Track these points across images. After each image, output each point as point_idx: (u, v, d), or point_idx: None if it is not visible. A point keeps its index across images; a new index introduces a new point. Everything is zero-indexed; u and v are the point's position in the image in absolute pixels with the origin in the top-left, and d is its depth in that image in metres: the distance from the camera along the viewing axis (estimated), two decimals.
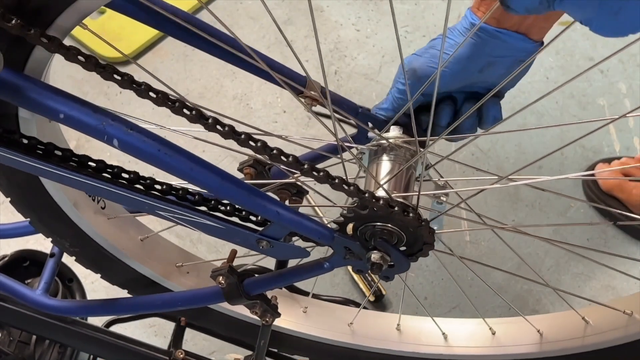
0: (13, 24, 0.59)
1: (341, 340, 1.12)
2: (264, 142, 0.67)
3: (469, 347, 1.10)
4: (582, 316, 1.01)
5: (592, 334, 1.00)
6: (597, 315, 1.01)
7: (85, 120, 0.65)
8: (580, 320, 1.01)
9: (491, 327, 1.10)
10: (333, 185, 0.69)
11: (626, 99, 1.87)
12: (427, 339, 1.12)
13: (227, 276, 0.84)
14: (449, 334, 1.12)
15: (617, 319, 0.97)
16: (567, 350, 1.03)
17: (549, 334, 1.06)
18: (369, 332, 1.13)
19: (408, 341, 1.12)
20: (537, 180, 0.82)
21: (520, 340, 1.08)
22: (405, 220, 0.74)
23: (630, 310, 0.95)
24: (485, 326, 1.10)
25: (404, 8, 2.06)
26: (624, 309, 0.96)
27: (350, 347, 1.13)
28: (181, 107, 0.65)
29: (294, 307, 1.14)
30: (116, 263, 0.99)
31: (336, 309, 1.16)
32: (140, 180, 0.74)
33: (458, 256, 0.95)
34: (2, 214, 1.47)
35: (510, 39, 0.81)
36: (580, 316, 1.01)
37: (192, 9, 1.94)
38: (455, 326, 1.13)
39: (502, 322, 1.12)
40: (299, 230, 0.76)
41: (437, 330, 1.11)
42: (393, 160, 0.81)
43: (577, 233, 1.66)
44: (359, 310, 1.13)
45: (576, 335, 1.02)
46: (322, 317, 1.14)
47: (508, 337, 1.09)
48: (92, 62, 0.63)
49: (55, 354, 1.24)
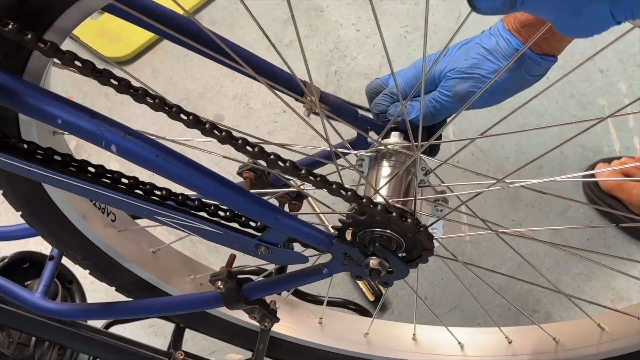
0: (9, 28, 0.59)
1: (357, 351, 1.12)
2: (261, 148, 0.67)
3: (485, 356, 1.10)
4: (597, 323, 1.01)
5: (608, 340, 1.00)
6: (611, 322, 1.01)
7: (83, 125, 0.65)
8: (596, 327, 1.01)
9: (507, 335, 1.10)
10: (330, 190, 0.69)
11: (626, 98, 1.87)
12: (444, 349, 1.12)
13: (225, 281, 0.84)
14: (465, 343, 1.12)
15: (632, 325, 0.97)
16: (583, 358, 1.03)
17: (564, 341, 1.06)
18: (385, 343, 1.13)
19: (424, 351, 1.12)
20: (534, 182, 0.81)
21: (538, 349, 1.08)
22: (403, 226, 0.74)
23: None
24: (501, 335, 1.10)
25: (404, 8, 2.06)
26: (638, 315, 0.96)
27: (366, 357, 1.13)
28: (178, 113, 0.65)
29: (310, 318, 1.14)
30: (128, 274, 0.99)
31: (350, 319, 1.16)
32: (140, 185, 0.74)
33: (462, 262, 0.95)
34: (2, 214, 1.47)
35: (548, 63, 0.85)
36: (596, 323, 1.01)
37: (192, 8, 1.94)
38: (471, 336, 1.13)
39: (516, 330, 1.12)
40: (297, 236, 0.76)
41: (452, 340, 1.11)
42: (392, 166, 0.81)
43: (577, 233, 1.66)
44: (372, 320, 1.13)
45: (592, 342, 1.02)
46: (336, 328, 1.14)
47: (525, 346, 1.09)
48: (89, 67, 0.63)
49: (54, 356, 1.24)
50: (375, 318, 1.14)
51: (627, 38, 0.58)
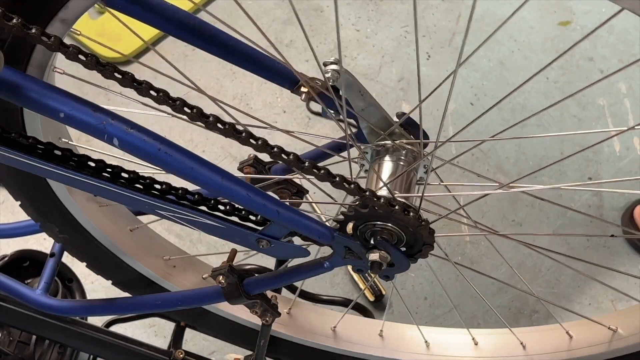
0: (13, 23, 0.59)
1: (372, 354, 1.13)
2: (265, 140, 0.67)
3: (498, 357, 1.10)
4: (566, 330, 1.02)
5: (575, 347, 1.01)
6: (580, 330, 1.02)
7: (85, 119, 0.65)
8: (565, 334, 1.03)
9: (519, 337, 1.10)
10: (334, 183, 0.69)
11: (626, 99, 1.87)
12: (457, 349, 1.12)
13: (227, 275, 0.84)
14: (479, 342, 1.12)
15: (600, 334, 0.98)
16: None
17: (532, 346, 1.07)
18: (400, 345, 1.13)
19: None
20: (535, 189, 0.82)
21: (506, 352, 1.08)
22: (405, 220, 0.74)
23: (615, 326, 0.96)
24: (513, 336, 1.10)
25: (404, 8, 2.06)
26: (609, 325, 0.97)
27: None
28: (182, 106, 0.65)
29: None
30: (104, 253, 0.98)
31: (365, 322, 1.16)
32: (140, 179, 0.74)
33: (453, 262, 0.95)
34: (2, 214, 1.47)
35: None
36: (565, 330, 1.03)
37: (192, 8, 1.94)
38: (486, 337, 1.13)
39: (530, 330, 1.12)
40: (299, 230, 0.76)
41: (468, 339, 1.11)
42: (395, 161, 0.81)
43: (577, 232, 1.66)
44: (383, 322, 1.13)
45: (561, 349, 1.03)
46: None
47: (492, 348, 1.10)
48: (93, 61, 0.63)
49: (55, 354, 1.24)
50: (376, 318, 1.13)
51: (627, 38, 0.58)
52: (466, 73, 1.91)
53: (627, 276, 1.56)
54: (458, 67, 0.65)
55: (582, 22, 2.03)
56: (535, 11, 2.05)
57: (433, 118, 1.78)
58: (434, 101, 1.86)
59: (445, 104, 0.74)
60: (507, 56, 1.95)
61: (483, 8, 2.02)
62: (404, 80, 1.92)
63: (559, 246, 1.62)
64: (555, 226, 1.67)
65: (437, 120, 1.81)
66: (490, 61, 1.94)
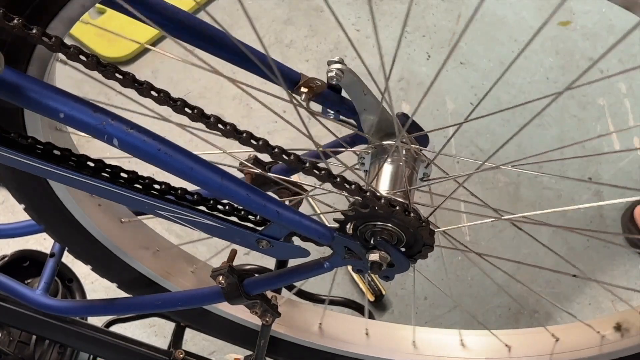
0: (14, 23, 0.59)
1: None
2: (266, 141, 0.67)
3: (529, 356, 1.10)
4: (551, 333, 1.02)
5: (560, 351, 1.01)
6: (567, 333, 1.02)
7: (85, 119, 0.65)
8: (550, 337, 1.02)
9: (462, 338, 1.11)
10: (334, 184, 0.69)
11: (626, 99, 1.87)
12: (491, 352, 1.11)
13: (227, 276, 0.84)
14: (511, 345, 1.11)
15: (588, 338, 0.98)
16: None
17: (517, 349, 1.06)
18: (432, 350, 1.12)
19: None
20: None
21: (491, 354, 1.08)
22: (405, 220, 0.74)
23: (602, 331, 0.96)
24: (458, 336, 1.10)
25: (404, 8, 2.06)
26: (598, 330, 0.97)
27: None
28: (183, 106, 0.65)
29: (356, 329, 1.14)
30: (90, 240, 0.95)
31: (396, 329, 1.16)
32: (139, 179, 0.74)
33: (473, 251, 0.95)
34: (2, 214, 1.47)
35: None
36: (550, 333, 1.02)
37: (192, 8, 1.94)
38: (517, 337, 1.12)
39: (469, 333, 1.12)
40: (298, 230, 0.76)
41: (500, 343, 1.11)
42: (394, 162, 0.81)
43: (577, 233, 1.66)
44: (413, 328, 1.13)
45: (545, 352, 1.03)
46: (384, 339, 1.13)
47: (479, 350, 1.10)
48: (94, 62, 0.63)
49: (55, 354, 1.24)
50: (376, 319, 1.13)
51: (627, 38, 0.58)
52: (466, 73, 1.91)
53: (627, 276, 1.57)
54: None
55: (582, 22, 2.03)
56: (535, 11, 2.05)
57: (433, 118, 1.78)
58: (434, 101, 1.87)
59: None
60: (507, 56, 1.95)
61: (483, 8, 2.02)
62: (404, 80, 1.92)
63: (559, 246, 1.62)
64: (555, 225, 1.67)
65: (437, 120, 1.82)
66: (490, 61, 1.94)
